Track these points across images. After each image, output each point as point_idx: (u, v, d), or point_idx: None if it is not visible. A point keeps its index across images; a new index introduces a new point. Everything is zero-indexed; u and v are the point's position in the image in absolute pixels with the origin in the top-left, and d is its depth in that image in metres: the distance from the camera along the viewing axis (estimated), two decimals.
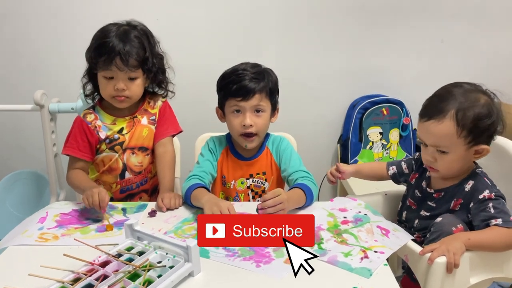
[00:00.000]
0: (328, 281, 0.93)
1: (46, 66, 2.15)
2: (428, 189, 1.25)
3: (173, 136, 1.52)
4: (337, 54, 2.18)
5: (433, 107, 1.14)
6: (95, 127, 1.43)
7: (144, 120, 1.47)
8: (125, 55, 1.31)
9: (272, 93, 1.37)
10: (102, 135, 1.43)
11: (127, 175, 1.47)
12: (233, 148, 1.46)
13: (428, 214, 1.24)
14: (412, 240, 1.13)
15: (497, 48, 2.18)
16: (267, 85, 1.35)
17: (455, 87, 1.14)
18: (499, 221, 1.08)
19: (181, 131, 1.53)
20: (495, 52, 2.19)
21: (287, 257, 1.00)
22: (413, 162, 1.35)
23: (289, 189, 1.29)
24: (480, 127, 1.10)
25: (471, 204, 1.15)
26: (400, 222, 1.33)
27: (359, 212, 1.24)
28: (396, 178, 1.38)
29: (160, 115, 1.49)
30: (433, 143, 1.14)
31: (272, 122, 1.42)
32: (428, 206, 1.24)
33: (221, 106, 1.41)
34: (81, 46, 1.40)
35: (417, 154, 1.32)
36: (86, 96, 1.48)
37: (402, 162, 1.37)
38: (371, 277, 0.93)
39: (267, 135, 1.48)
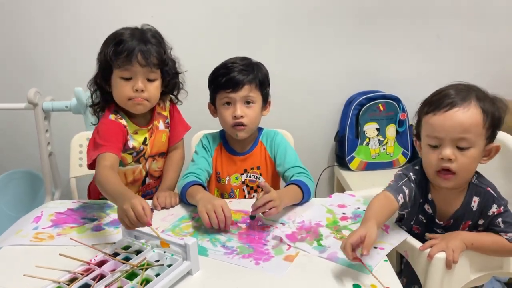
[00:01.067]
0: (328, 277, 0.92)
1: (40, 64, 2.14)
2: (437, 221, 1.14)
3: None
4: (333, 51, 2.17)
5: (454, 97, 1.02)
6: (129, 133, 1.34)
7: (161, 125, 1.43)
8: (146, 52, 1.26)
9: (262, 84, 1.37)
10: (130, 144, 1.34)
11: (147, 180, 1.45)
12: (226, 144, 1.45)
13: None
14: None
15: (492, 43, 2.18)
16: (256, 76, 1.35)
17: (462, 84, 1.07)
18: (510, 235, 1.07)
19: (189, 128, 1.52)
20: (490, 47, 2.19)
21: (286, 254, 1.00)
22: (412, 185, 1.13)
23: (285, 186, 1.28)
24: (496, 120, 1.03)
25: (480, 221, 1.11)
26: None
27: (358, 208, 1.23)
28: (405, 207, 1.12)
29: (171, 117, 1.47)
30: (457, 135, 1.00)
31: (264, 115, 1.42)
32: (435, 232, 1.16)
33: (213, 100, 1.41)
34: (75, 44, 1.39)
35: (411, 174, 1.13)
36: (92, 105, 1.37)
37: (403, 187, 1.11)
38: (372, 273, 0.92)
39: (261, 129, 1.47)
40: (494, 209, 1.08)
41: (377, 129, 2.16)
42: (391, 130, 2.16)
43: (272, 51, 2.12)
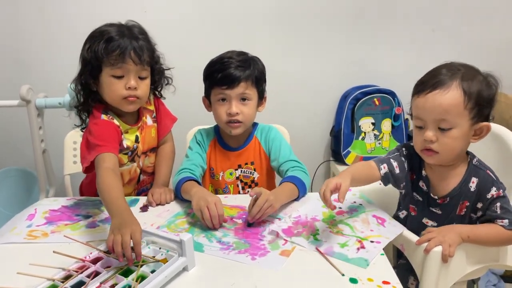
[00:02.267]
0: (324, 272, 0.92)
1: (32, 60, 2.12)
2: (432, 195, 1.15)
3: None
4: (328, 45, 2.17)
5: (436, 79, 1.06)
6: (122, 133, 1.31)
7: (149, 121, 1.42)
8: (139, 49, 1.23)
9: (259, 81, 1.36)
10: (124, 144, 1.32)
11: (142, 177, 1.44)
12: (221, 139, 1.44)
13: (434, 224, 1.16)
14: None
15: (487, 37, 2.18)
16: (253, 73, 1.33)
17: (452, 63, 1.10)
18: (505, 222, 1.06)
19: (176, 120, 1.51)
20: (485, 41, 2.19)
21: (283, 249, 1.00)
22: (403, 159, 1.18)
23: (280, 183, 1.28)
24: (483, 99, 1.04)
25: (479, 204, 1.10)
26: None
27: (354, 202, 1.23)
28: (388, 178, 1.17)
29: (156, 110, 1.45)
30: (437, 117, 1.04)
31: (259, 111, 1.41)
32: (432, 213, 1.16)
33: (207, 95, 1.40)
34: (67, 40, 1.37)
35: (403, 149, 1.19)
36: (78, 106, 1.31)
37: (391, 160, 1.17)
38: (369, 267, 0.92)
39: (255, 124, 1.46)
40: (493, 191, 1.07)
41: (372, 123, 2.15)
42: (386, 125, 2.16)
43: (267, 47, 2.10)
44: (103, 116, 1.28)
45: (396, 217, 1.23)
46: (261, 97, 1.40)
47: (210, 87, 1.36)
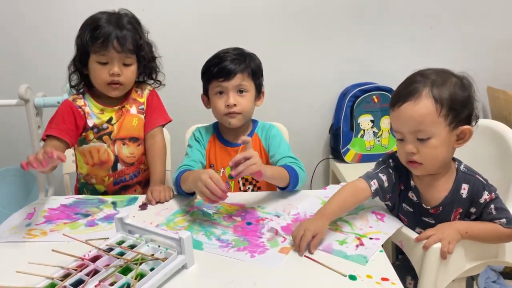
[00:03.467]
0: (323, 269, 0.91)
1: (30, 60, 2.11)
2: (424, 205, 1.12)
3: (163, 126, 1.50)
4: (327, 43, 2.17)
5: (406, 90, 1.04)
6: (84, 112, 1.38)
7: (133, 110, 1.44)
8: (122, 38, 1.30)
9: (255, 74, 1.37)
10: (90, 122, 1.38)
11: (120, 166, 1.44)
12: (220, 135, 1.44)
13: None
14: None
15: (486, 33, 2.18)
16: (249, 66, 1.35)
17: (424, 71, 1.07)
18: (503, 220, 1.06)
19: (170, 121, 1.51)
20: (483, 38, 2.19)
21: (282, 246, 1.00)
22: (390, 171, 1.15)
23: None
24: (458, 104, 1.01)
25: (472, 209, 1.10)
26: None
27: None
28: (378, 193, 1.13)
29: (148, 104, 1.46)
30: (413, 128, 1.03)
31: (257, 105, 1.42)
32: (425, 223, 1.13)
33: (206, 91, 1.41)
34: (65, 39, 1.38)
35: (390, 160, 1.17)
36: (72, 86, 1.44)
37: (379, 174, 1.13)
38: (368, 264, 0.92)
39: (256, 122, 1.46)
40: (485, 196, 1.06)
41: (371, 121, 2.16)
42: (385, 122, 2.16)
43: (266, 45, 2.10)
44: (70, 97, 1.40)
45: None
46: (259, 90, 1.41)
47: (207, 82, 1.38)
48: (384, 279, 0.87)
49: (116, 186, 1.45)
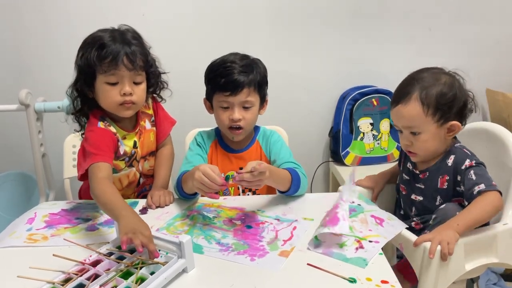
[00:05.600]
0: (323, 272, 0.92)
1: (31, 65, 2.12)
2: (414, 170, 1.29)
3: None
4: (326, 46, 2.17)
5: (399, 92, 1.21)
6: (118, 140, 1.31)
7: (148, 125, 1.41)
8: (132, 54, 1.22)
9: (261, 85, 1.36)
10: (122, 150, 1.31)
11: (141, 180, 1.44)
12: (222, 141, 1.44)
13: (421, 198, 1.26)
14: (407, 228, 1.13)
15: (485, 35, 2.18)
16: (255, 78, 1.33)
17: (418, 72, 1.22)
18: (482, 186, 1.10)
19: (175, 123, 1.51)
20: (483, 39, 2.19)
21: (282, 249, 1.00)
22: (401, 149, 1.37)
23: None
24: (444, 103, 1.16)
25: (459, 177, 1.17)
26: (399, 214, 1.35)
27: (353, 202, 1.23)
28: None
29: (155, 114, 1.45)
30: (405, 125, 1.21)
31: (261, 114, 1.41)
32: (417, 188, 1.27)
33: (209, 98, 1.39)
34: (67, 44, 1.36)
35: None
36: (74, 113, 1.32)
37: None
38: (367, 267, 0.93)
39: (258, 128, 1.47)
40: (466, 163, 1.16)
41: (371, 123, 2.16)
42: (385, 125, 2.16)
43: (265, 48, 2.11)
44: (100, 124, 1.28)
45: (398, 205, 1.38)
46: (263, 101, 1.40)
47: (212, 91, 1.36)
48: (383, 281, 0.88)
49: (139, 196, 1.45)
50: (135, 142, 1.36)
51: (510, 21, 2.19)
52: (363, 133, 2.16)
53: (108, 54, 1.19)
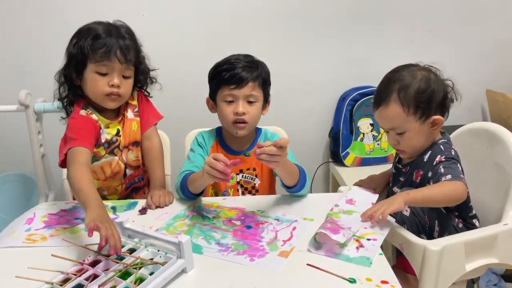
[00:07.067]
0: (323, 272, 0.91)
1: (30, 65, 2.11)
2: (397, 164, 1.33)
3: (155, 124, 1.49)
4: (326, 47, 2.17)
5: (379, 96, 1.23)
6: (100, 128, 1.34)
7: (130, 114, 1.42)
8: (125, 48, 1.27)
9: (265, 83, 1.37)
10: (103, 138, 1.34)
11: (128, 172, 1.43)
12: (223, 141, 1.44)
13: (399, 190, 1.25)
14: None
15: (485, 36, 2.19)
16: (260, 74, 1.34)
17: (394, 72, 1.24)
18: (449, 176, 1.10)
19: (162, 118, 1.49)
20: (483, 40, 2.19)
21: (281, 250, 1.00)
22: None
23: None
24: (423, 100, 1.17)
25: (430, 173, 1.17)
26: None
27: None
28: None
29: (139, 105, 1.45)
30: (389, 127, 1.23)
31: (263, 114, 1.41)
32: (399, 181, 1.30)
33: (213, 96, 1.39)
34: (66, 44, 1.36)
35: None
36: (60, 99, 1.36)
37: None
38: (367, 267, 0.92)
39: (260, 130, 1.46)
40: (437, 158, 1.17)
41: (371, 124, 2.16)
42: None
43: (265, 48, 2.10)
44: (82, 112, 1.32)
45: None
46: (266, 100, 1.40)
47: (216, 87, 1.36)
48: (383, 282, 0.87)
49: (127, 190, 1.45)
50: (118, 130, 1.38)
51: (510, 22, 2.19)
52: (363, 133, 2.16)
53: (103, 45, 1.24)
